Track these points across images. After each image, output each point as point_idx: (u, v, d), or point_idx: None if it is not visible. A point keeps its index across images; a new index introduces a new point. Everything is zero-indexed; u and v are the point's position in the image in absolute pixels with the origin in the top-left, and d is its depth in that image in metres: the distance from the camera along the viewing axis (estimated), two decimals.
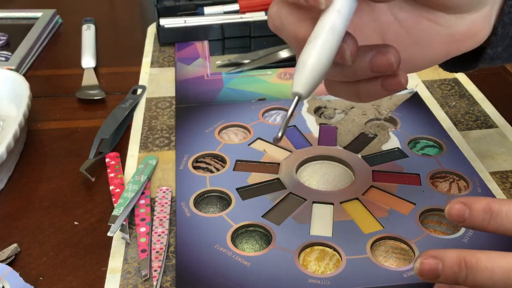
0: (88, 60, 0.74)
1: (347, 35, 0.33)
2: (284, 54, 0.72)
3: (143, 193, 0.50)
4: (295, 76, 0.32)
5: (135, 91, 0.67)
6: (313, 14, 0.34)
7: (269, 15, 0.36)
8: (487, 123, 0.60)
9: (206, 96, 0.64)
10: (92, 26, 0.84)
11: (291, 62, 0.72)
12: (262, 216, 0.46)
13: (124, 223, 0.46)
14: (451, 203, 0.35)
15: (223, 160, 0.53)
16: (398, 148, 0.54)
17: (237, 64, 0.71)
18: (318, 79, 0.32)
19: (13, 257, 0.45)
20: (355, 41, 0.34)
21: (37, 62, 0.77)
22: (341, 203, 0.48)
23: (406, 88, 0.49)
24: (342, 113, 0.59)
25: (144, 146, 0.57)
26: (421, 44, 0.38)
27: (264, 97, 0.64)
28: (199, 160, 0.53)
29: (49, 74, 0.74)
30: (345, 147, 0.55)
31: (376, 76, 0.36)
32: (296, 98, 0.32)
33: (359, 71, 0.36)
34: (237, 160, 0.53)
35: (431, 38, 0.38)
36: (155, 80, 0.70)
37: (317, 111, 0.61)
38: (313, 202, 0.48)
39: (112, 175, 0.52)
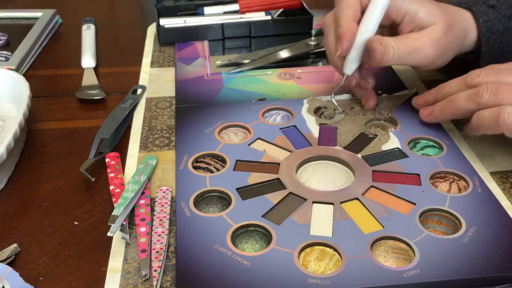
0: (88, 60, 0.74)
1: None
2: (284, 54, 0.72)
3: (143, 193, 0.50)
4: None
5: (135, 91, 0.67)
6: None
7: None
8: None
9: (206, 96, 0.64)
10: (92, 26, 0.84)
11: (291, 62, 0.72)
12: (262, 216, 0.46)
13: (124, 223, 0.46)
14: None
15: (223, 160, 0.53)
16: (398, 148, 0.54)
17: (237, 64, 0.71)
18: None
19: (13, 257, 0.45)
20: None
21: (37, 62, 0.77)
22: (341, 203, 0.48)
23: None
24: (342, 113, 0.59)
25: (144, 146, 0.57)
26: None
27: (264, 97, 0.64)
28: (199, 160, 0.53)
29: (49, 74, 0.74)
30: (345, 147, 0.55)
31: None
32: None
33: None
34: (237, 160, 0.53)
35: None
36: (155, 80, 0.70)
37: (317, 111, 0.61)
38: (313, 202, 0.48)
39: (112, 175, 0.52)
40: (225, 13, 0.82)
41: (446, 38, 0.56)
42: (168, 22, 0.79)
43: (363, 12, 0.55)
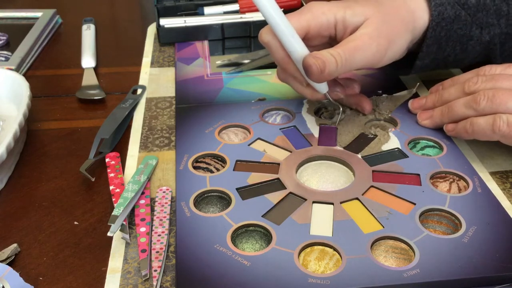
0: (88, 60, 0.74)
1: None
2: None
3: (143, 193, 0.50)
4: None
5: (135, 91, 0.67)
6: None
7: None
8: None
9: (206, 96, 0.64)
10: (92, 26, 0.84)
11: None
12: (262, 216, 0.46)
13: (124, 223, 0.46)
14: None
15: (223, 160, 0.53)
16: (398, 148, 0.54)
17: (237, 64, 0.71)
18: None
19: (13, 257, 0.45)
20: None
21: (37, 62, 0.77)
22: (341, 203, 0.48)
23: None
24: (342, 114, 0.59)
25: (144, 146, 0.57)
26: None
27: (264, 97, 0.64)
28: (199, 160, 0.53)
29: (49, 74, 0.74)
30: (345, 147, 0.55)
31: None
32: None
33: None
34: (237, 160, 0.53)
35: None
36: (155, 80, 0.70)
37: (317, 111, 0.61)
38: (313, 202, 0.48)
39: (112, 175, 0.52)
40: (225, 13, 0.82)
41: (387, 27, 0.54)
42: (168, 22, 0.79)
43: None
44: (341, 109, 0.58)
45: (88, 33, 0.82)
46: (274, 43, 0.53)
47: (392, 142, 0.55)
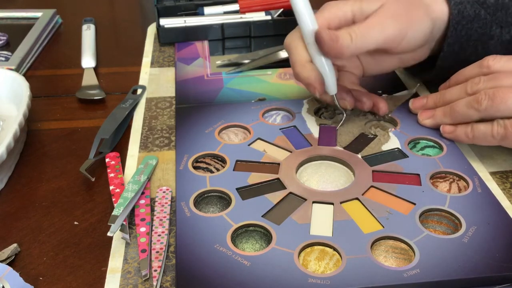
0: (88, 60, 0.74)
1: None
2: (284, 54, 0.72)
3: (143, 193, 0.50)
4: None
5: (135, 91, 0.67)
6: None
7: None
8: None
9: (206, 96, 0.64)
10: (92, 26, 0.84)
11: None
12: (262, 216, 0.46)
13: (124, 223, 0.46)
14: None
15: (223, 160, 0.53)
16: (398, 148, 0.54)
17: (237, 64, 0.71)
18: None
19: (13, 257, 0.45)
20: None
21: (37, 62, 0.77)
22: (341, 203, 0.48)
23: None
24: (342, 114, 0.59)
25: (144, 146, 0.57)
26: (379, 64, 0.60)
27: (264, 97, 0.64)
28: (199, 160, 0.53)
29: (49, 74, 0.74)
30: (345, 148, 0.55)
31: None
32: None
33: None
34: (237, 160, 0.53)
35: (385, 61, 0.59)
36: (155, 80, 0.70)
37: (317, 111, 0.61)
38: (313, 202, 0.48)
39: (112, 175, 0.52)
40: (225, 13, 0.82)
41: (404, 9, 0.54)
42: (168, 22, 0.79)
43: None
44: (345, 115, 0.58)
45: (88, 33, 0.82)
46: (297, 41, 0.54)
47: (392, 142, 0.55)
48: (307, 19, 0.52)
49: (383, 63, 0.59)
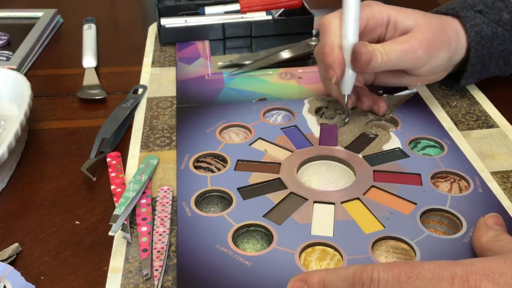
0: (89, 60, 0.74)
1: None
2: (285, 54, 0.72)
3: (144, 192, 0.50)
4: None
5: (136, 91, 0.67)
6: None
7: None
8: (488, 123, 0.60)
9: (207, 96, 0.65)
10: (93, 26, 0.84)
11: (291, 62, 0.72)
12: (263, 216, 0.46)
13: (125, 222, 0.46)
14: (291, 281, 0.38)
15: (224, 160, 0.53)
16: (399, 148, 0.54)
17: (239, 65, 0.71)
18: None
19: (15, 256, 0.45)
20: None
21: (38, 61, 0.77)
22: (342, 203, 0.48)
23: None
24: (343, 114, 0.59)
25: (145, 145, 0.57)
26: (393, 78, 0.61)
27: (265, 97, 0.64)
28: (200, 159, 0.53)
29: (50, 73, 0.74)
30: (346, 147, 0.55)
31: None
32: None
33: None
34: (238, 160, 0.53)
35: (401, 78, 0.60)
36: (156, 79, 0.70)
37: (318, 111, 0.61)
38: (314, 202, 0.48)
39: (113, 174, 0.52)
40: (226, 13, 0.82)
41: (435, 37, 0.56)
42: (169, 22, 0.79)
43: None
44: (348, 118, 0.58)
45: (89, 32, 0.82)
46: (335, 25, 0.54)
47: (393, 142, 0.55)
48: (352, 26, 0.53)
49: (397, 78, 0.60)
